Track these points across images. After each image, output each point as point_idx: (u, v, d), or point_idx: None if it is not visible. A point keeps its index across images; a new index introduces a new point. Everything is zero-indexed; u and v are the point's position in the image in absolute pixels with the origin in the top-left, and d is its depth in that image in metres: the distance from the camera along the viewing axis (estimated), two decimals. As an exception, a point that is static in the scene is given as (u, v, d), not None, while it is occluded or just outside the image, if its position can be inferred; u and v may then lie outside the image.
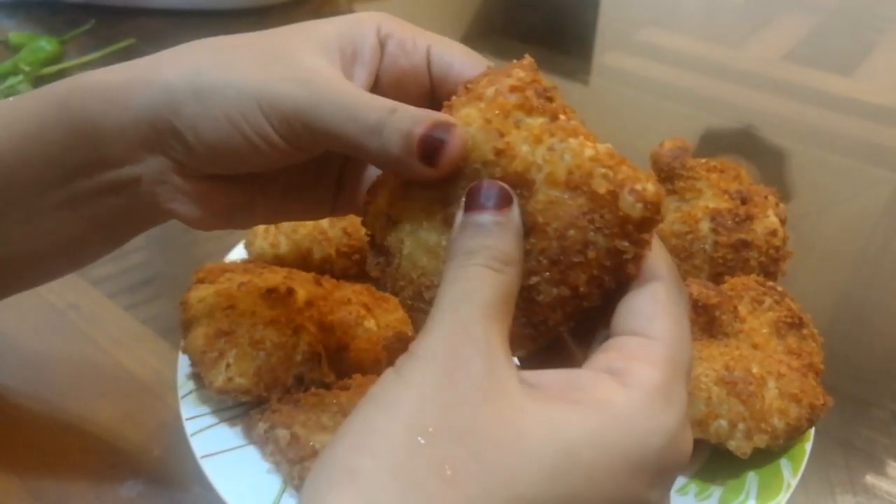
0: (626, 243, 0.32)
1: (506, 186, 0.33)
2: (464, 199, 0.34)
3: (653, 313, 0.33)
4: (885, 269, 0.86)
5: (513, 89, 0.35)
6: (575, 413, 0.29)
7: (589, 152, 0.32)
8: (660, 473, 0.31)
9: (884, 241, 0.90)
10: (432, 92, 0.43)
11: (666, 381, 0.31)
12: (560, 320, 0.35)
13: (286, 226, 0.70)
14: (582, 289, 0.34)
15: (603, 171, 0.32)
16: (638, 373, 0.31)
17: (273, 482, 0.53)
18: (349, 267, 0.71)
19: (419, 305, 0.37)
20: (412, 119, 0.35)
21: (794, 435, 0.52)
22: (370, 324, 0.61)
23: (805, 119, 1.13)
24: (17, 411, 0.64)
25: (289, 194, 0.48)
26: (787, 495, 0.53)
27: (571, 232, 0.33)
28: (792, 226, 0.66)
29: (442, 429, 0.28)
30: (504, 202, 0.33)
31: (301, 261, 0.70)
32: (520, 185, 0.33)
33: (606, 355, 0.33)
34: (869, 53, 1.32)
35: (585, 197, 0.32)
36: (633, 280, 0.34)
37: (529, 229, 0.34)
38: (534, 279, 0.34)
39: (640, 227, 0.32)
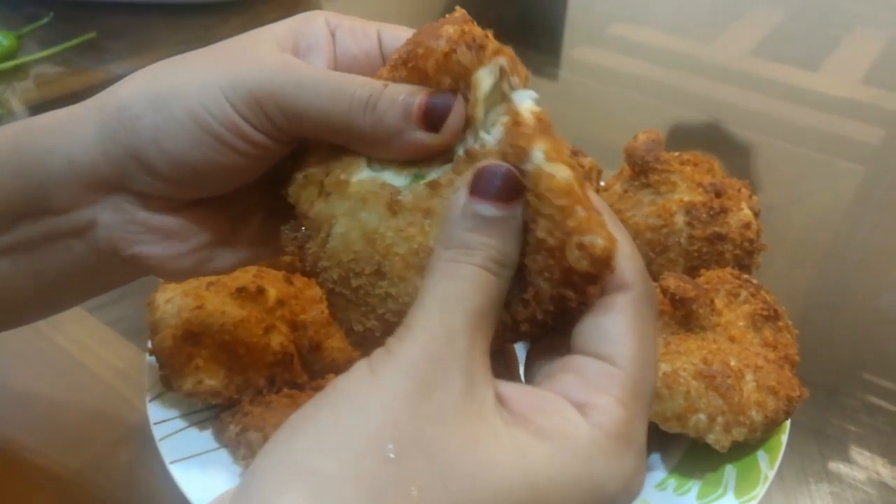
0: (570, 292, 0.30)
1: (517, 174, 0.30)
2: (469, 177, 0.31)
3: (619, 336, 0.31)
4: (853, 260, 0.87)
5: (447, 54, 0.32)
6: (541, 445, 0.28)
7: (543, 185, 0.29)
8: None
9: (851, 233, 0.91)
10: None
11: (628, 420, 0.30)
12: (498, 345, 0.32)
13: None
14: (523, 326, 0.32)
15: (551, 214, 0.29)
16: (602, 409, 0.30)
17: (245, 486, 0.52)
18: (320, 264, 0.69)
19: (342, 291, 0.35)
20: (408, 91, 0.34)
21: (771, 427, 0.52)
22: (343, 322, 0.60)
23: (772, 112, 1.14)
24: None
25: (273, 220, 0.42)
26: (765, 487, 0.53)
27: (521, 268, 0.31)
28: (761, 218, 0.66)
29: (414, 446, 0.27)
30: (514, 194, 0.30)
31: (270, 259, 0.68)
32: None
33: (570, 379, 0.31)
34: (835, 48, 1.34)
35: (534, 236, 0.30)
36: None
37: None
38: None
39: (586, 280, 0.30)
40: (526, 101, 0.32)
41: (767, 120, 1.12)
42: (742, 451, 0.54)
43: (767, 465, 0.54)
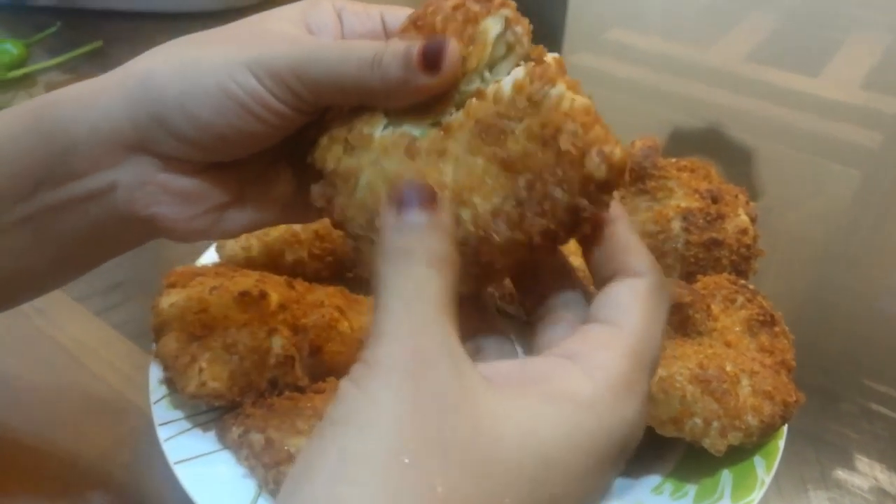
0: (585, 202, 0.33)
1: (430, 185, 0.32)
2: (386, 200, 0.32)
3: (627, 305, 0.33)
4: (852, 264, 0.87)
5: (455, 7, 0.36)
6: (545, 408, 0.29)
7: (565, 105, 0.33)
8: (621, 458, 0.31)
9: (849, 237, 0.91)
10: None
11: (628, 370, 0.31)
12: (508, 265, 0.35)
13: (258, 228, 0.70)
14: (535, 238, 0.34)
15: (573, 128, 0.32)
16: (601, 361, 0.31)
17: (248, 487, 0.53)
18: (322, 269, 0.70)
19: (368, 235, 0.38)
20: (406, 44, 0.36)
21: (767, 432, 0.52)
22: (344, 326, 0.61)
23: (771, 117, 1.14)
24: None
25: (281, 183, 0.45)
26: (761, 493, 0.53)
27: (537, 183, 0.33)
28: (759, 222, 0.66)
29: (424, 444, 0.27)
30: (432, 201, 0.32)
31: (273, 264, 0.69)
32: (495, 131, 0.34)
33: (573, 339, 0.32)
34: (833, 53, 1.35)
35: (553, 152, 0.33)
36: (591, 238, 0.35)
37: (502, 169, 0.34)
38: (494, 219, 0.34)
39: (602, 188, 0.33)
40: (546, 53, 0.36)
41: (766, 124, 1.13)
42: (739, 455, 0.54)
43: (764, 470, 0.55)
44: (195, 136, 0.40)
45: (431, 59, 0.35)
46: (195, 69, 0.39)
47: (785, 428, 0.56)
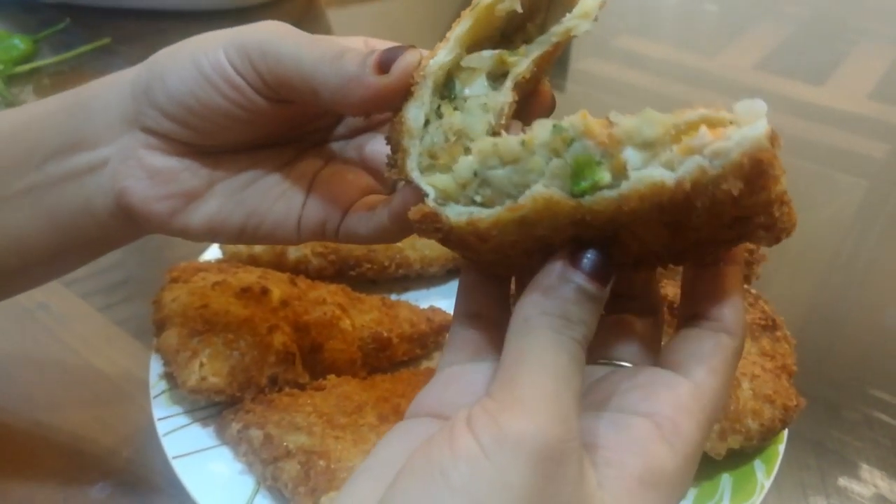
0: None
1: (607, 259, 0.33)
2: (567, 248, 0.33)
3: (714, 367, 0.34)
4: (857, 272, 0.87)
5: None
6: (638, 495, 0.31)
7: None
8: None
9: (855, 246, 0.91)
10: None
11: (702, 437, 0.33)
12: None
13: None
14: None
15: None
16: (683, 430, 0.32)
17: (246, 483, 0.53)
18: (324, 267, 0.70)
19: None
20: (374, 49, 0.38)
21: (767, 436, 0.52)
22: (345, 324, 0.61)
23: (777, 126, 1.14)
24: (-16, 413, 0.63)
25: (252, 194, 0.45)
26: (761, 497, 0.53)
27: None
28: (766, 230, 0.66)
29: None
30: (608, 276, 0.32)
31: (276, 260, 0.69)
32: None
33: (653, 396, 0.33)
34: (840, 63, 1.35)
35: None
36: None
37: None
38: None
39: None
40: None
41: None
42: (739, 459, 0.54)
43: (764, 474, 0.55)
44: (167, 105, 0.42)
45: (385, 63, 0.37)
46: (184, 49, 0.42)
47: (785, 433, 0.56)
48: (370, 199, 0.44)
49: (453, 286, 0.73)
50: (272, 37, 0.40)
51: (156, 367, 0.59)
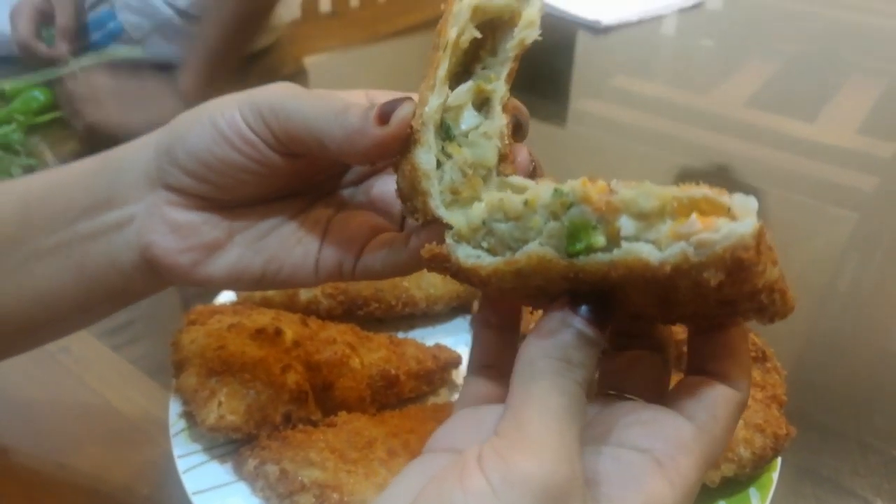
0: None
1: (608, 302, 0.35)
2: (567, 295, 0.35)
3: (720, 416, 0.36)
4: (848, 303, 0.89)
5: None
6: None
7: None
8: None
9: (846, 276, 0.93)
10: None
11: (699, 477, 0.35)
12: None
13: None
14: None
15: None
16: (683, 469, 0.34)
17: (263, 517, 0.55)
18: (334, 307, 0.73)
19: None
20: (374, 103, 0.41)
21: (759, 464, 0.54)
22: (355, 363, 0.64)
23: (770, 161, 1.17)
24: (7, 453, 0.65)
25: (269, 242, 0.48)
26: (756, 523, 0.55)
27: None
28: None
29: None
30: (607, 321, 0.34)
31: (288, 302, 0.72)
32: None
33: (657, 435, 0.35)
34: (829, 99, 1.38)
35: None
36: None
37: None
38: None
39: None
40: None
41: (765, 168, 1.16)
42: (734, 487, 0.56)
43: (759, 501, 0.56)
44: (187, 162, 0.45)
45: (385, 115, 0.40)
46: (203, 111, 0.45)
47: (779, 460, 0.58)
48: (383, 238, 0.47)
49: (458, 324, 0.76)
50: (282, 96, 0.43)
51: (175, 406, 0.61)
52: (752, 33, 1.75)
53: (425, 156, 0.39)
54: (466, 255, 0.37)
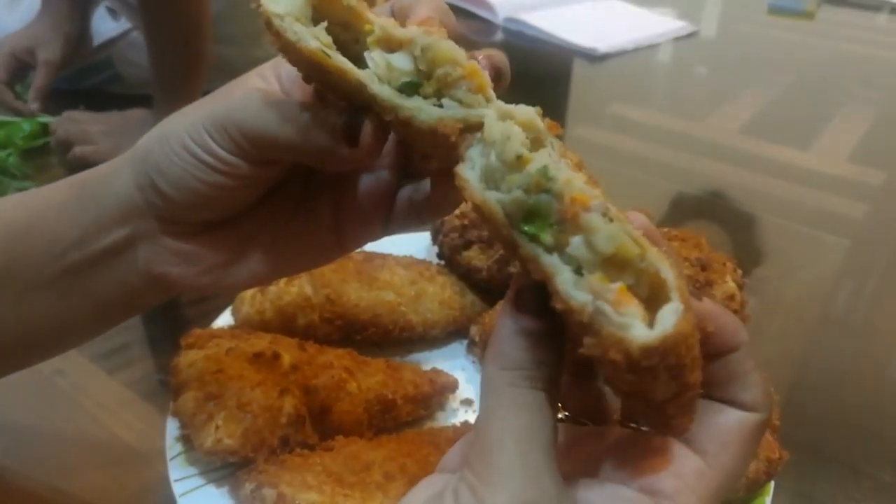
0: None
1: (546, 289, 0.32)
2: (510, 298, 0.33)
3: (730, 443, 0.34)
4: (842, 328, 0.90)
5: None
6: None
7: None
8: None
9: (839, 303, 0.94)
10: None
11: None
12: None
13: (272, 292, 0.73)
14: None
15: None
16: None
17: (259, 541, 0.55)
18: (332, 332, 0.73)
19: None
20: (335, 115, 0.40)
21: (753, 488, 0.55)
22: (352, 387, 0.64)
23: (764, 188, 1.19)
24: (2, 477, 0.65)
25: (281, 238, 0.48)
26: (751, 547, 0.55)
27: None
28: (756, 289, 0.69)
29: None
30: (540, 311, 0.33)
31: (286, 326, 0.72)
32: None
33: (661, 473, 0.34)
34: (821, 127, 1.40)
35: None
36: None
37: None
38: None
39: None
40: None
41: (758, 194, 1.17)
42: (728, 511, 0.57)
43: (753, 526, 0.57)
44: (173, 193, 0.44)
45: (352, 135, 0.40)
46: (168, 135, 0.44)
47: (772, 484, 0.58)
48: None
49: (454, 348, 0.77)
50: (238, 109, 0.42)
51: (172, 429, 0.61)
52: (746, 62, 1.78)
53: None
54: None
